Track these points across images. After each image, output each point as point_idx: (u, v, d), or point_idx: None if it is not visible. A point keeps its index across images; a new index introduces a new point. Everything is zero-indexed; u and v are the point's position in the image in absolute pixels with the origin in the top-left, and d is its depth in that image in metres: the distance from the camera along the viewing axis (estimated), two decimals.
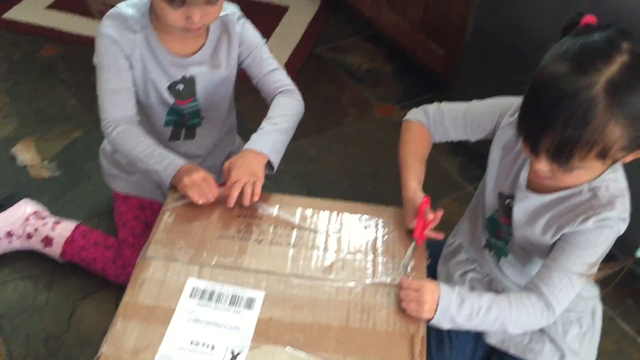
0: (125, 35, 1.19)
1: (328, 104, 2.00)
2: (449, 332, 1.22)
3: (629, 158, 0.91)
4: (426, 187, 1.16)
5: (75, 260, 1.40)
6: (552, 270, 1.00)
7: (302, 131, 1.84)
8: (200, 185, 1.08)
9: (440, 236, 1.09)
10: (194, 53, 1.24)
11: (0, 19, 2.26)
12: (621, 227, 0.97)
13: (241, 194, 1.07)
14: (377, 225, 1.09)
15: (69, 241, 1.40)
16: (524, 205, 1.04)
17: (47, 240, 1.41)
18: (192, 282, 0.95)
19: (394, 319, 0.93)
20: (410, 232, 1.07)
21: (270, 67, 1.27)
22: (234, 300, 0.93)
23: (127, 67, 1.21)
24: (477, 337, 1.22)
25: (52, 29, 2.22)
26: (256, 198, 1.08)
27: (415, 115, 1.16)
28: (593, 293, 1.14)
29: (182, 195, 1.09)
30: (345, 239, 1.05)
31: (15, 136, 1.78)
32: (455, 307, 0.97)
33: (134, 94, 1.24)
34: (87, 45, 2.12)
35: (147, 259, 0.99)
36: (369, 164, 1.79)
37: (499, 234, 1.14)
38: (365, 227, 1.08)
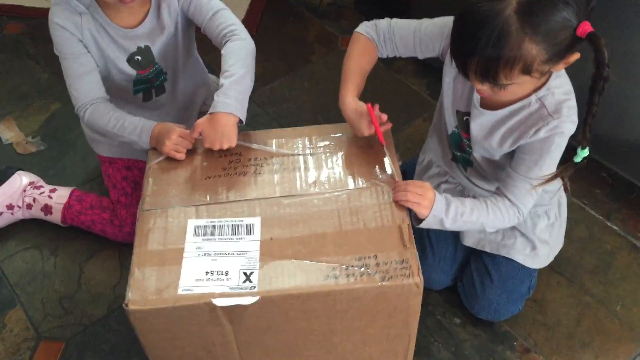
0: (72, 19, 1.22)
1: (294, 44, 2.04)
2: (430, 238, 1.32)
3: (560, 67, 0.97)
4: (397, 109, 1.23)
5: (76, 224, 1.48)
6: (514, 179, 1.09)
7: (273, 74, 1.91)
8: (178, 145, 1.15)
9: (388, 125, 1.12)
10: (141, 22, 1.27)
11: None
12: (571, 129, 1.04)
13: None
14: (347, 140, 1.16)
15: (67, 207, 1.47)
16: (480, 121, 1.11)
17: (47, 208, 1.48)
18: (193, 222, 1.03)
19: (381, 216, 1.03)
20: (365, 140, 1.14)
21: (211, 10, 1.26)
22: (234, 230, 1.02)
23: (85, 51, 1.25)
24: (456, 240, 1.31)
25: (12, 5, 2.22)
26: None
27: (365, 28, 1.19)
28: (556, 186, 1.22)
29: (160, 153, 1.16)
30: (322, 157, 1.13)
31: None
32: (444, 209, 1.06)
33: (99, 74, 1.28)
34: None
35: (145, 212, 1.06)
36: None
37: (462, 147, 1.21)
38: (336, 144, 1.16)
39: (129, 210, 1.42)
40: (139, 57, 1.30)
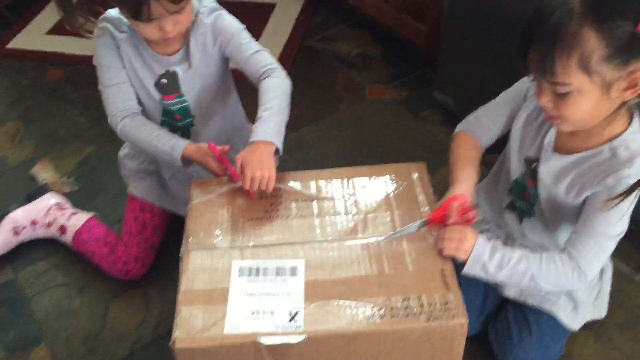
0: (114, 36, 1.28)
1: (323, 92, 2.09)
2: (459, 286, 1.30)
3: (629, 93, 0.93)
4: (424, 157, 1.23)
5: (81, 252, 1.53)
6: (580, 234, 1.04)
7: (301, 120, 1.95)
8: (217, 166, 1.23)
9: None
10: (175, 52, 1.31)
11: (5, 49, 2.37)
12: None
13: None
14: (385, 182, 1.19)
15: (78, 233, 1.52)
16: (549, 166, 1.10)
17: (62, 229, 1.55)
18: (238, 263, 1.05)
19: (424, 260, 1.04)
20: (405, 184, 1.17)
21: (250, 50, 1.30)
22: (279, 272, 1.03)
23: (122, 66, 1.31)
24: (486, 291, 1.29)
25: (54, 52, 2.33)
26: (268, 192, 1.16)
27: (458, 127, 1.24)
28: None
29: (203, 192, 1.18)
30: (361, 200, 1.15)
31: (32, 158, 1.89)
32: (488, 254, 1.03)
33: (133, 89, 1.33)
34: (88, 64, 2.20)
35: (190, 251, 1.08)
36: (366, 144, 1.88)
37: (524, 196, 1.19)
38: (377, 186, 1.18)
39: (128, 249, 1.46)
40: (165, 80, 1.33)
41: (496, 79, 1.26)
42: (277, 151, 1.20)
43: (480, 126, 1.21)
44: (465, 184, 1.12)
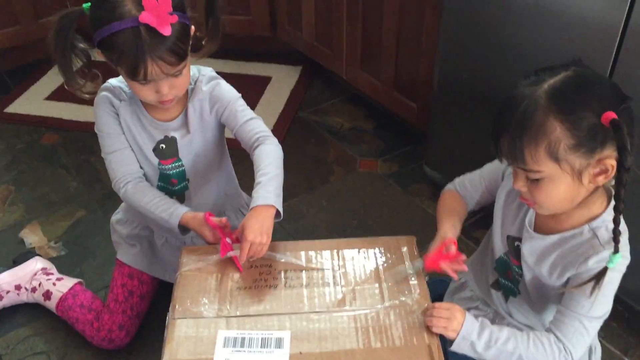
0: (114, 103, 1.31)
1: (315, 164, 2.12)
2: None
3: (601, 178, 0.96)
4: (413, 231, 1.26)
5: (65, 318, 1.50)
6: (564, 316, 1.04)
7: (292, 190, 1.96)
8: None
9: (453, 275, 1.13)
10: (174, 118, 1.34)
11: (3, 113, 2.40)
12: (623, 264, 1.02)
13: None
14: (375, 254, 1.19)
15: (63, 299, 1.50)
16: (531, 245, 1.11)
17: (47, 294, 1.53)
18: (223, 333, 1.04)
19: (410, 335, 1.03)
20: (395, 256, 1.19)
21: (245, 117, 1.33)
22: (264, 343, 1.02)
23: (122, 132, 1.33)
24: None
25: (51, 117, 2.36)
26: (257, 257, 1.17)
27: (446, 187, 1.28)
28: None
29: (193, 259, 1.18)
30: (350, 272, 1.16)
31: (22, 221, 1.89)
32: (476, 333, 1.03)
33: (134, 154, 1.35)
34: (83, 130, 2.26)
35: (176, 320, 1.07)
36: (357, 216, 1.89)
37: (508, 274, 1.20)
38: (365, 258, 1.19)
39: (112, 317, 1.44)
40: (164, 145, 1.35)
41: (484, 156, 1.29)
42: (277, 214, 1.21)
43: (465, 189, 1.26)
44: (450, 233, 1.16)
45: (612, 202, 1.03)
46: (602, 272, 0.99)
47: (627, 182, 0.92)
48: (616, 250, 0.97)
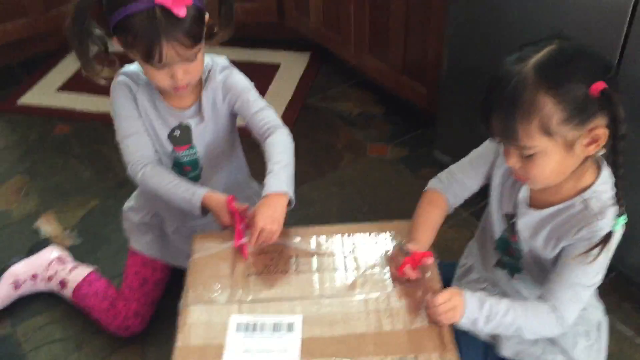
0: (131, 86, 1.32)
1: (324, 150, 2.12)
2: (459, 344, 1.29)
3: (592, 148, 0.96)
4: None
5: (80, 306, 1.53)
6: (557, 284, 1.06)
7: (302, 177, 1.97)
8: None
9: (412, 275, 1.12)
10: (189, 107, 1.35)
11: (16, 105, 2.43)
12: (616, 234, 1.02)
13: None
14: (385, 239, 1.20)
15: (78, 287, 1.52)
16: (525, 220, 1.12)
17: (63, 283, 1.55)
18: (235, 319, 1.05)
19: (420, 318, 1.04)
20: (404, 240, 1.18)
21: (257, 107, 1.33)
22: (276, 327, 1.03)
23: (138, 115, 1.33)
24: (486, 350, 1.28)
25: (62, 108, 2.39)
26: (267, 244, 1.18)
27: (430, 183, 1.26)
28: (599, 308, 1.21)
29: (205, 246, 1.20)
30: (361, 256, 1.17)
31: (36, 211, 1.91)
32: (477, 308, 1.05)
33: (149, 138, 1.36)
34: (96, 120, 2.28)
35: (188, 306, 1.08)
36: (367, 201, 1.90)
37: (510, 252, 1.21)
38: (376, 243, 1.19)
39: (127, 304, 1.46)
40: (178, 132, 1.36)
41: None
42: (289, 202, 1.22)
43: (453, 181, 1.22)
44: (421, 245, 1.15)
45: (602, 173, 1.04)
46: (607, 237, 1.00)
47: (623, 149, 0.93)
48: (621, 213, 0.98)
